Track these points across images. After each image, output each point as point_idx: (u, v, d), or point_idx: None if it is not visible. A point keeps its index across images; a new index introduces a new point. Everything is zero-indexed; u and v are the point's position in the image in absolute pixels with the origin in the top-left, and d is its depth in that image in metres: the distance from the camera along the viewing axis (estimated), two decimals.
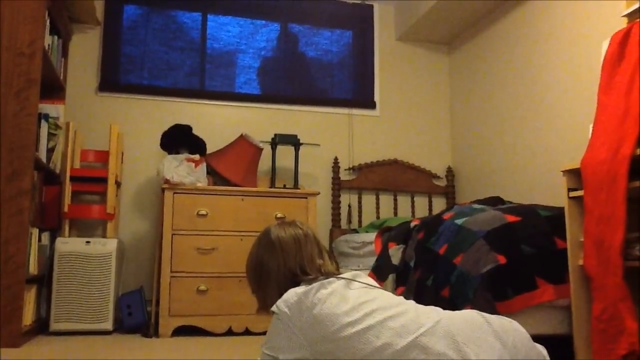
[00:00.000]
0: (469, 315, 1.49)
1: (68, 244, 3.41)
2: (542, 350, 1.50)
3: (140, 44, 4.25)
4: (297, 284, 1.62)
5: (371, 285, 1.62)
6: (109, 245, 3.47)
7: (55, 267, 3.37)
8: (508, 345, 1.41)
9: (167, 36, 4.31)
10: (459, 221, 2.68)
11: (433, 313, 1.50)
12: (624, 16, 2.71)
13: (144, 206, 4.09)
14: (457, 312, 1.52)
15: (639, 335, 2.09)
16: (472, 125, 4.39)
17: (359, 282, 1.61)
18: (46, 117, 3.43)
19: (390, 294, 1.60)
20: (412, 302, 1.56)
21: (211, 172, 3.78)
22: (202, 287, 3.45)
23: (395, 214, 4.47)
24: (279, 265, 1.69)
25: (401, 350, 1.39)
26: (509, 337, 1.43)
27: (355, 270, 1.74)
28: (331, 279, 1.59)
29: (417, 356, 1.38)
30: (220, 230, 3.54)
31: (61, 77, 3.82)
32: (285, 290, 1.61)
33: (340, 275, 1.63)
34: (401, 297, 1.60)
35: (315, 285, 1.57)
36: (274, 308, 1.57)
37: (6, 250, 2.92)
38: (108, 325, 3.39)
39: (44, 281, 3.48)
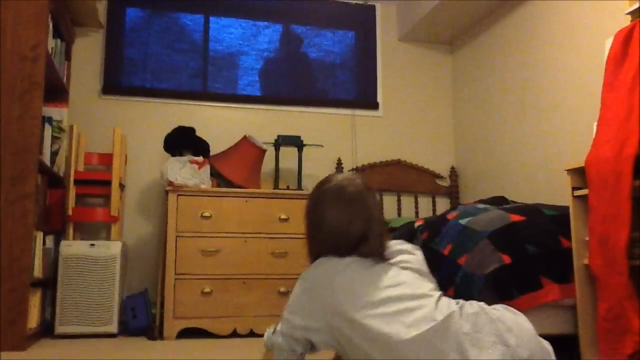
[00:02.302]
0: (476, 312, 1.47)
1: (72, 247, 3.42)
2: (547, 346, 1.49)
3: (143, 47, 4.26)
4: (338, 252, 1.63)
5: (406, 267, 1.61)
6: (113, 248, 3.47)
7: (60, 270, 3.37)
8: (511, 345, 1.40)
9: (170, 38, 4.31)
10: (463, 221, 2.68)
11: (445, 308, 1.48)
12: (627, 14, 2.70)
13: (148, 208, 4.09)
14: (468, 307, 1.50)
15: None
16: (475, 125, 4.38)
17: (395, 261, 1.61)
18: (50, 120, 3.44)
19: (420, 281, 1.58)
20: (435, 296, 1.53)
21: (215, 174, 3.78)
22: (207, 289, 3.44)
23: (399, 214, 4.46)
24: (331, 228, 1.66)
25: (406, 342, 1.41)
26: (511, 336, 1.42)
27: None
28: (365, 259, 1.60)
29: (418, 350, 1.40)
30: (224, 232, 3.54)
31: (64, 80, 3.83)
32: (325, 254, 1.65)
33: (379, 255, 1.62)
34: (428, 286, 1.58)
35: (348, 260, 1.59)
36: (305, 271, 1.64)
37: (11, 253, 2.92)
38: (113, 328, 3.39)
39: (48, 284, 3.48)
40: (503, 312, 1.48)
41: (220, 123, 4.30)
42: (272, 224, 3.60)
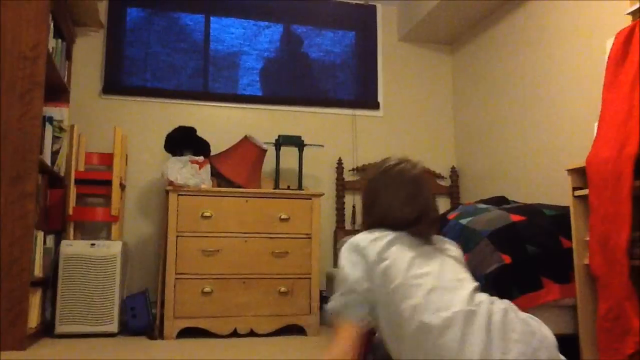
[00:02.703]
0: (506, 308, 1.46)
1: (73, 247, 3.42)
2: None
3: (144, 47, 4.26)
4: (387, 227, 1.69)
5: (450, 255, 1.65)
6: (114, 248, 3.47)
7: (60, 270, 3.37)
8: (533, 347, 1.39)
9: (170, 38, 4.31)
10: (463, 221, 2.68)
11: (479, 297, 1.49)
12: (628, 14, 2.70)
13: (149, 208, 4.09)
14: (499, 302, 1.49)
15: None
16: (476, 125, 4.38)
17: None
18: (50, 120, 3.44)
19: (460, 269, 1.61)
20: (472, 285, 1.54)
21: (215, 174, 3.78)
22: (207, 289, 3.45)
23: None
24: (386, 207, 1.72)
25: (436, 322, 1.42)
26: (534, 339, 1.40)
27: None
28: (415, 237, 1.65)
29: (444, 329, 1.40)
30: (225, 232, 3.53)
31: (65, 80, 3.83)
32: (377, 227, 1.70)
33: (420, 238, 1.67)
34: (468, 276, 1.60)
35: (401, 233, 1.65)
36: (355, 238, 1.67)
37: (11, 253, 2.93)
38: (113, 327, 3.40)
39: (48, 284, 3.48)
40: (528, 317, 1.48)
41: (221, 123, 4.30)
42: (273, 224, 3.60)
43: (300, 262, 3.61)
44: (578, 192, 2.45)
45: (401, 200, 1.70)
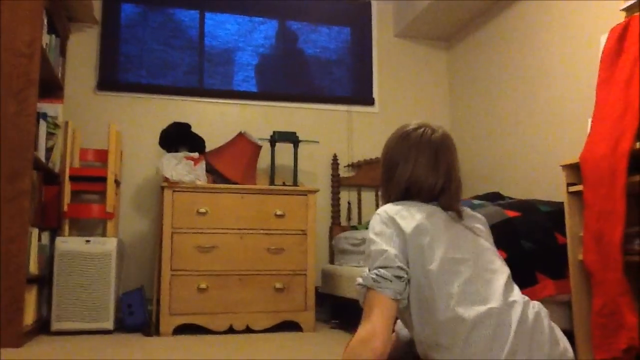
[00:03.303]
0: (538, 312, 1.42)
1: (68, 244, 3.41)
2: None
3: (139, 43, 4.25)
4: (411, 198, 1.58)
5: (480, 235, 1.56)
6: (109, 245, 3.47)
7: (56, 267, 3.37)
8: (556, 355, 1.36)
9: (165, 34, 4.30)
10: None
11: (512, 294, 1.43)
12: (622, 10, 2.71)
13: (144, 205, 4.09)
14: (532, 304, 1.44)
15: (639, 329, 2.09)
16: (471, 121, 4.39)
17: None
18: (45, 116, 3.43)
19: (492, 254, 1.53)
20: (505, 274, 1.48)
21: (210, 170, 3.78)
22: (203, 286, 3.45)
23: None
24: (408, 175, 1.60)
25: (469, 316, 1.36)
26: (557, 348, 1.38)
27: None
28: (446, 212, 1.55)
29: (476, 324, 1.35)
30: (220, 228, 3.53)
31: (59, 77, 3.81)
32: (401, 198, 1.59)
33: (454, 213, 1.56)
34: (499, 262, 1.52)
35: (432, 207, 1.54)
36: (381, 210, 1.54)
37: (6, 250, 2.92)
38: (109, 324, 3.39)
39: (44, 281, 3.48)
40: (555, 326, 1.44)
41: (216, 119, 4.29)
42: (268, 220, 3.60)
43: (296, 258, 3.61)
44: (572, 188, 2.45)
45: (424, 167, 1.58)
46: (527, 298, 1.46)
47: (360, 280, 1.46)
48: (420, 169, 1.59)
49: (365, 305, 1.43)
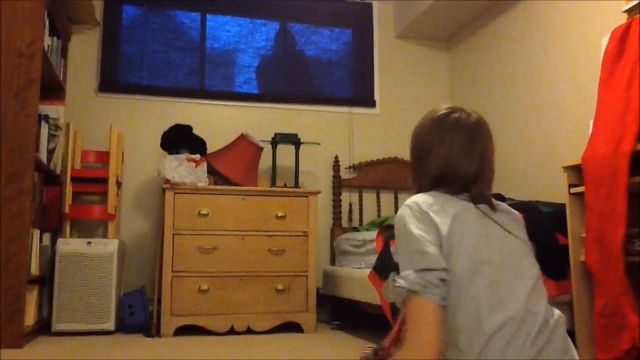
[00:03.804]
0: (558, 320, 1.37)
1: (69, 245, 3.41)
2: None
3: (140, 44, 4.25)
4: (448, 189, 1.48)
5: (510, 232, 1.46)
6: (110, 246, 3.47)
7: (57, 268, 3.37)
8: None
9: (167, 36, 4.31)
10: None
11: (537, 301, 1.36)
12: (624, 12, 2.71)
13: (145, 206, 4.09)
14: (553, 313, 1.39)
15: None
16: None
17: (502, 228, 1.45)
18: (46, 118, 3.43)
19: (521, 255, 1.44)
20: (533, 277, 1.40)
21: (212, 172, 3.78)
22: (204, 287, 3.45)
23: (396, 212, 4.46)
24: (443, 160, 1.51)
25: (475, 321, 1.31)
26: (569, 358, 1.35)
27: None
28: (476, 206, 1.45)
29: (475, 329, 1.30)
30: (221, 230, 3.53)
31: (61, 78, 3.82)
32: (431, 189, 1.50)
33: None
34: (529, 262, 1.44)
35: (465, 203, 1.44)
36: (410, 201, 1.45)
37: (7, 251, 2.92)
38: (110, 325, 3.39)
39: (45, 282, 3.48)
40: (568, 337, 1.40)
41: (217, 121, 4.30)
42: (269, 222, 3.60)
43: (297, 259, 3.61)
44: (574, 189, 2.45)
45: (460, 152, 1.49)
46: (551, 309, 1.40)
47: (402, 282, 1.34)
48: (456, 152, 1.49)
49: (410, 312, 1.32)
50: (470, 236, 1.38)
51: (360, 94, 4.65)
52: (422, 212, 1.40)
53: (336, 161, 4.38)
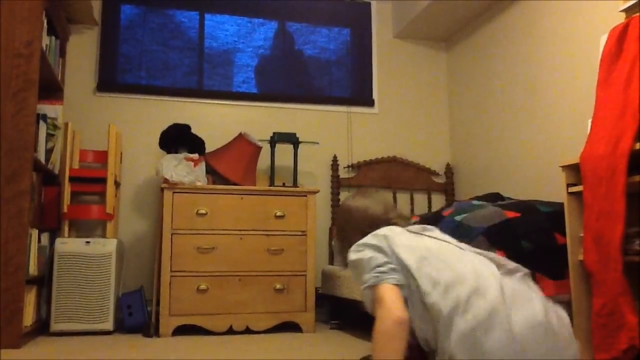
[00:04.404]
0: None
1: (68, 245, 3.41)
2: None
3: (138, 44, 4.25)
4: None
5: (436, 239, 1.77)
6: (109, 246, 3.46)
7: (55, 268, 3.37)
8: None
9: (165, 36, 4.30)
10: (458, 218, 2.68)
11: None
12: (622, 11, 2.71)
13: (144, 206, 4.09)
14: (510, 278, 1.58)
15: (639, 329, 2.09)
16: (471, 122, 4.39)
17: (427, 235, 1.80)
18: (44, 117, 3.43)
19: (452, 254, 1.67)
20: (470, 265, 1.61)
21: (210, 171, 3.78)
22: (203, 287, 3.45)
23: None
24: (353, 227, 1.95)
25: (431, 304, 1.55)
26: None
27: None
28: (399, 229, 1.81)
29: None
30: (220, 229, 3.53)
31: (59, 78, 3.81)
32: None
33: (409, 228, 1.84)
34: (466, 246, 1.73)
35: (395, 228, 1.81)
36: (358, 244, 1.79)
37: (6, 251, 2.92)
38: (108, 325, 3.39)
39: (44, 282, 3.47)
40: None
41: (216, 120, 4.30)
42: (268, 221, 3.60)
43: (296, 259, 3.61)
44: (572, 189, 2.46)
45: (377, 205, 1.97)
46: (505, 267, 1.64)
47: (364, 285, 1.66)
48: (371, 210, 1.97)
49: (375, 300, 1.61)
50: (408, 241, 1.71)
51: (358, 93, 4.65)
52: (365, 242, 1.75)
53: (335, 160, 4.38)
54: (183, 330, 3.42)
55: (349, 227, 1.98)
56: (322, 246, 4.31)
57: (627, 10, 2.68)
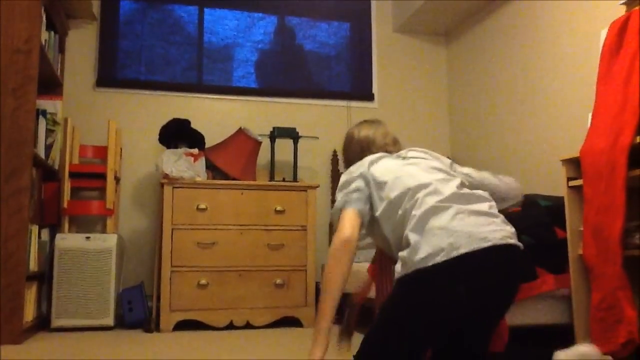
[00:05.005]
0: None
1: (68, 240, 3.41)
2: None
3: (137, 39, 4.24)
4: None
5: (414, 157, 2.03)
6: (109, 241, 3.47)
7: (56, 264, 3.37)
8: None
9: (164, 30, 4.30)
10: None
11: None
12: (622, 4, 2.70)
13: (144, 201, 4.09)
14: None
15: (637, 323, 2.10)
16: (471, 116, 4.38)
17: (408, 156, 2.05)
18: (44, 113, 3.43)
19: (425, 171, 1.92)
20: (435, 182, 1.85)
21: (210, 166, 3.77)
22: (203, 282, 3.45)
23: None
24: (353, 152, 2.21)
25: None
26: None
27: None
28: (384, 154, 2.07)
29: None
30: (220, 224, 3.54)
31: (58, 73, 3.81)
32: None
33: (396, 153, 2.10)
34: (433, 176, 1.90)
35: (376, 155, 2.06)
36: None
37: (6, 247, 2.92)
38: (109, 320, 3.40)
39: (44, 278, 3.48)
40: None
41: (216, 115, 4.29)
42: (268, 216, 3.60)
43: (296, 254, 3.61)
44: (572, 183, 2.45)
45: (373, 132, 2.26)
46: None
47: (335, 205, 1.96)
48: (365, 136, 2.25)
49: (339, 219, 1.91)
50: (385, 163, 2.01)
51: (358, 88, 4.64)
52: (350, 170, 2.03)
53: (335, 155, 4.38)
54: (183, 325, 3.43)
55: (350, 152, 2.21)
56: (322, 241, 4.31)
57: (627, 4, 2.67)
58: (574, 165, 2.47)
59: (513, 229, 1.78)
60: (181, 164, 3.56)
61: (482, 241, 1.64)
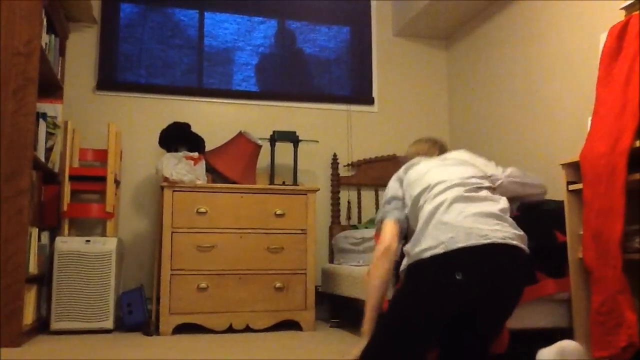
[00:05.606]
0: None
1: (68, 243, 3.41)
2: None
3: (138, 42, 4.25)
4: None
5: (452, 158, 2.29)
6: (109, 244, 3.47)
7: (55, 267, 3.37)
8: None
9: (165, 34, 4.30)
10: None
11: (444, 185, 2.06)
12: (621, 9, 2.70)
13: (144, 204, 4.09)
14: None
15: (638, 327, 2.09)
16: (471, 120, 4.39)
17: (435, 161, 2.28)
18: (44, 116, 3.43)
19: (449, 171, 2.12)
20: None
21: (210, 170, 3.78)
22: (203, 285, 3.45)
23: None
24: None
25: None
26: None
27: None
28: (422, 158, 2.38)
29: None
30: (220, 228, 3.53)
31: (59, 76, 3.81)
32: None
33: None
34: (454, 173, 2.11)
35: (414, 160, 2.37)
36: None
37: (6, 250, 2.92)
38: (108, 324, 3.40)
39: (44, 281, 3.48)
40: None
41: (216, 119, 4.29)
42: (268, 220, 3.60)
43: (296, 257, 3.61)
44: (572, 187, 2.45)
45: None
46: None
47: (378, 217, 2.25)
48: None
49: (381, 230, 2.16)
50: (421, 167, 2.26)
51: (358, 91, 4.65)
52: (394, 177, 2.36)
53: (335, 159, 4.38)
54: (183, 328, 3.42)
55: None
56: (322, 244, 4.31)
57: (627, 8, 2.67)
58: (574, 169, 2.47)
59: (522, 233, 1.83)
60: (181, 167, 3.56)
61: (481, 238, 1.74)
